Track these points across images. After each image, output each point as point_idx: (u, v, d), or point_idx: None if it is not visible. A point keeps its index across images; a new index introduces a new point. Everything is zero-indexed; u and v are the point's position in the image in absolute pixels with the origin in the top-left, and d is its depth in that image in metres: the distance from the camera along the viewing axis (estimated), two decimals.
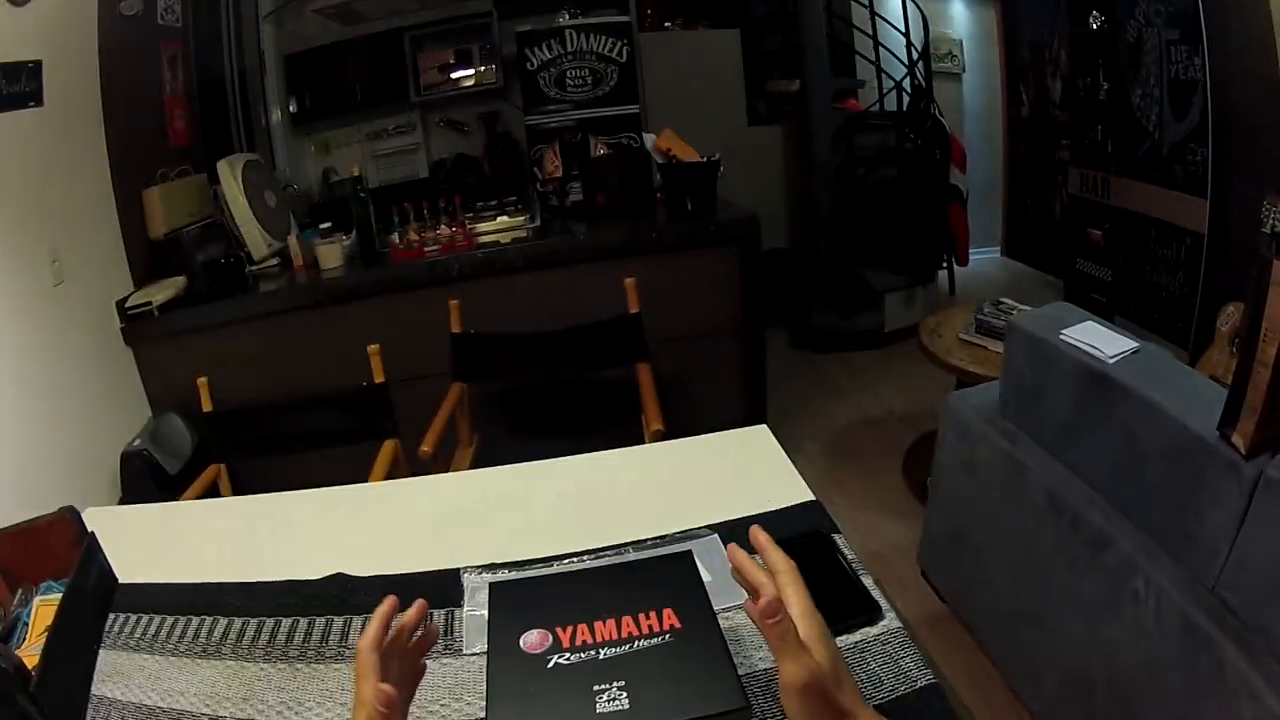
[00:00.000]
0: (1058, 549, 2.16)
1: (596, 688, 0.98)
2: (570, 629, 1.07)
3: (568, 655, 1.03)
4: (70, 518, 1.56)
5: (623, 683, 0.99)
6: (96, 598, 1.44)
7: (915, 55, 5.41)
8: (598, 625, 1.07)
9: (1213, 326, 3.07)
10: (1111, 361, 2.04)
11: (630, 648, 1.04)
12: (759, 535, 1.00)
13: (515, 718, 0.96)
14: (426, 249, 3.64)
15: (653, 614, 1.08)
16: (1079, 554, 2.08)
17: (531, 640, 1.06)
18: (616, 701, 0.96)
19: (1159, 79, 4.33)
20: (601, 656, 1.03)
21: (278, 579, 1.50)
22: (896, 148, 5.45)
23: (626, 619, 1.08)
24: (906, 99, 5.46)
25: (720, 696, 0.97)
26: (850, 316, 5.56)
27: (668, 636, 1.05)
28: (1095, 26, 4.83)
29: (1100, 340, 2.12)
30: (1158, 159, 4.46)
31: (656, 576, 1.19)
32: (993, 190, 6.80)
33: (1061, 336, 2.20)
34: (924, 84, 5.52)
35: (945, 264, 6.15)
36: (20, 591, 1.46)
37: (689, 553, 1.22)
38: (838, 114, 5.55)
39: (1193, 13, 3.96)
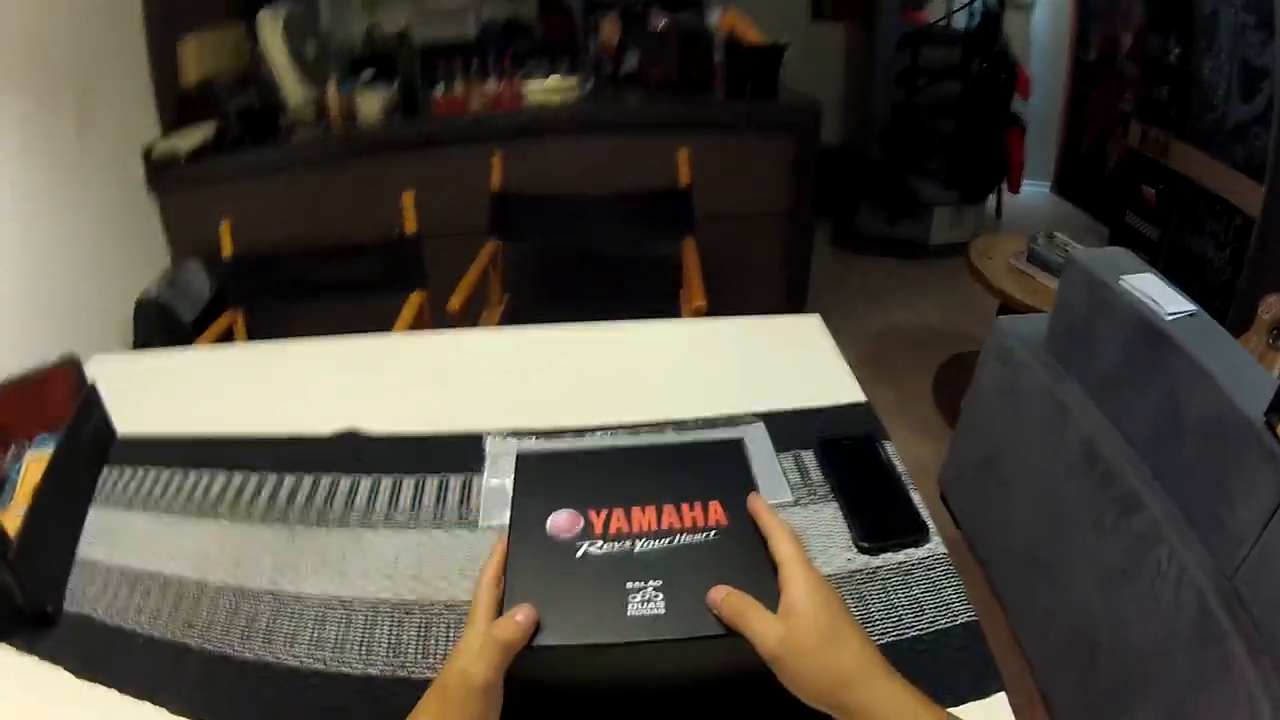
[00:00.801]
0: (1086, 501, 2.08)
1: (630, 585, 0.85)
2: (604, 513, 0.93)
3: (600, 544, 0.90)
4: (70, 367, 1.46)
5: (659, 582, 0.86)
6: (91, 452, 1.36)
7: None
8: (635, 512, 0.94)
9: (1251, 311, 2.99)
10: (1169, 319, 1.95)
11: (670, 541, 0.90)
12: (755, 501, 0.91)
13: (537, 612, 0.86)
14: (471, 104, 3.54)
15: (697, 505, 0.94)
16: (1106, 511, 2.00)
17: (560, 522, 0.92)
18: (652, 604, 0.84)
19: (1230, 57, 4.17)
20: (637, 549, 0.90)
21: (286, 433, 1.41)
22: (962, 65, 5.31)
23: (668, 508, 0.94)
24: (975, 21, 5.30)
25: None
26: (895, 224, 5.50)
27: (712, 533, 0.91)
28: None
29: (1159, 294, 2.03)
30: (1220, 133, 4.31)
31: (703, 464, 1.03)
32: (1049, 126, 6.63)
33: (1121, 282, 2.11)
34: (997, 8, 5.35)
35: (996, 188, 6.05)
36: (13, 447, 1.35)
37: (740, 441, 1.08)
38: (904, 22, 5.42)
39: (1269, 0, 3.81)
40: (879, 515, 1.19)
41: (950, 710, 0.75)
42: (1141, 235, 5.00)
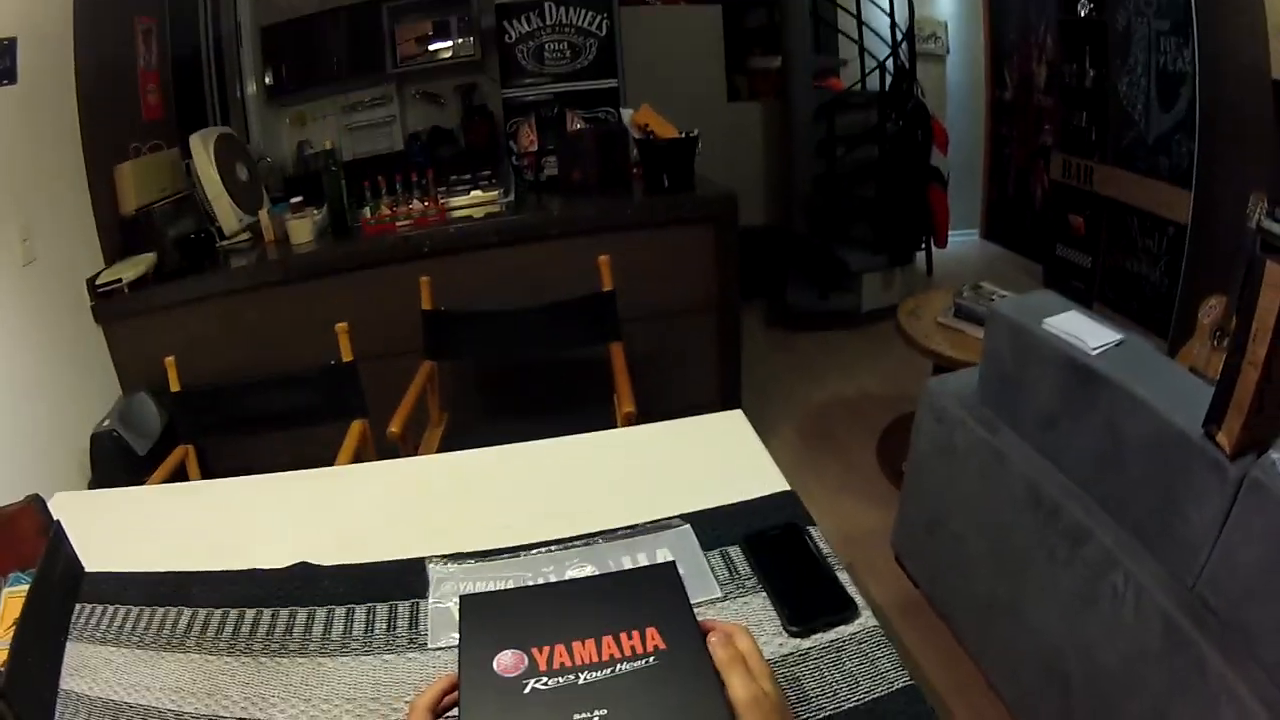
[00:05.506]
0: (1036, 540, 2.15)
1: (577, 716, 0.92)
2: (547, 650, 0.99)
3: (545, 679, 0.96)
4: (36, 506, 1.53)
5: (605, 711, 0.92)
6: (63, 588, 1.41)
7: (900, 35, 5.39)
8: (576, 645, 1.00)
9: (1192, 318, 3.08)
10: (1094, 353, 2.03)
11: (611, 671, 0.97)
12: (712, 645, 0.98)
13: None
14: (398, 223, 3.63)
15: (635, 633, 1.01)
16: (1058, 546, 2.07)
17: (506, 662, 0.98)
18: None
19: (1147, 69, 4.34)
20: (581, 681, 0.96)
21: (241, 567, 1.47)
22: (878, 128, 5.43)
23: (607, 639, 1.00)
24: (889, 79, 5.44)
25: None
26: (827, 296, 5.58)
27: (651, 659, 0.98)
28: (1083, 14, 4.84)
29: (1084, 331, 2.11)
30: (1143, 148, 4.47)
31: (638, 591, 1.11)
32: (973, 173, 6.81)
33: (1044, 326, 2.19)
34: (907, 65, 5.50)
35: (924, 245, 6.15)
36: None
37: (673, 564, 1.16)
38: (819, 92, 5.53)
39: (1184, 4, 3.97)
40: (806, 598, 1.26)
41: None
42: (1075, 265, 5.13)
